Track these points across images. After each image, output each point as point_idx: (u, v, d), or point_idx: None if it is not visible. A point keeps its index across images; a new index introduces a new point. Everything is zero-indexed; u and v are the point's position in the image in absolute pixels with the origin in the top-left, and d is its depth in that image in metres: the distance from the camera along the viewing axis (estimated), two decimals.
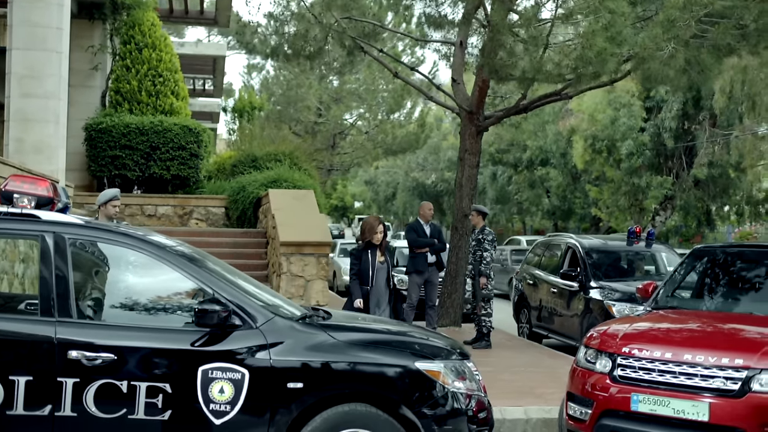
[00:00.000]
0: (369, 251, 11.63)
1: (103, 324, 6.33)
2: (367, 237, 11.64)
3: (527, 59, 12.80)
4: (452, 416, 6.53)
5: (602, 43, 11.69)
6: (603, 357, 7.76)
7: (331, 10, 14.56)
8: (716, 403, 7.02)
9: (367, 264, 11.59)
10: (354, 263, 11.75)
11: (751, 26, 12.64)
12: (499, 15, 12.77)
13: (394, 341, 6.67)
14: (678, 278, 9.67)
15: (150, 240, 6.59)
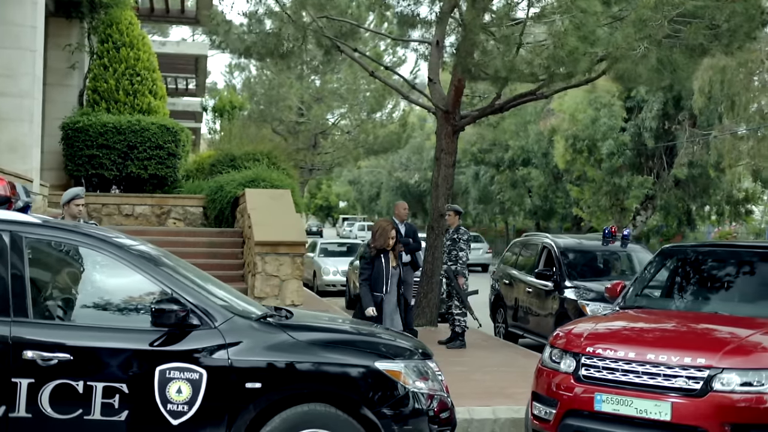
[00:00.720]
0: (382, 256, 11.04)
1: (60, 324, 6.28)
2: (379, 242, 11.07)
3: (500, 58, 12.78)
4: (413, 416, 6.51)
5: (574, 43, 11.70)
6: (567, 357, 7.75)
7: (305, 8, 14.50)
8: (678, 403, 7.02)
9: (380, 270, 10.97)
10: (365, 268, 11.10)
11: (723, 26, 12.66)
12: (471, 14, 12.74)
13: (354, 341, 6.65)
14: (646, 278, 9.67)
15: (108, 239, 6.52)
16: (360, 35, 18.71)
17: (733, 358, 7.06)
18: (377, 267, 10.93)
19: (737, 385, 6.95)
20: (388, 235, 10.96)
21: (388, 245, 11.02)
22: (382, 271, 10.93)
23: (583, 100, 31.83)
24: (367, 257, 11.06)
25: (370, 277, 11.06)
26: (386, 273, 10.94)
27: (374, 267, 10.99)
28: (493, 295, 17.99)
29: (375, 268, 10.96)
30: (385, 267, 10.94)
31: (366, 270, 11.02)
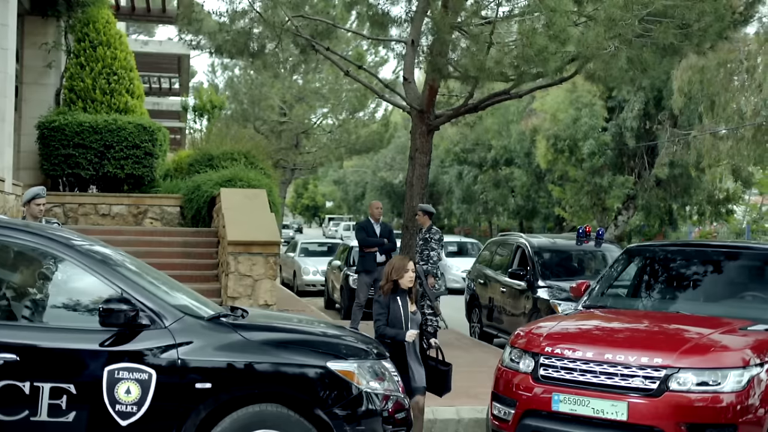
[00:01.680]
0: (398, 298, 8.86)
1: (6, 324, 6.21)
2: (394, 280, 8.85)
3: (469, 58, 12.74)
4: (366, 417, 6.48)
5: (543, 42, 11.66)
6: (527, 357, 7.73)
7: (277, 7, 14.44)
8: (635, 403, 7.00)
9: (398, 314, 8.75)
10: (380, 314, 8.82)
11: (694, 26, 12.64)
12: (439, 13, 12.70)
13: (306, 341, 6.60)
14: (611, 277, 9.67)
15: (57, 238, 6.46)
16: (337, 35, 18.62)
17: (689, 358, 7.05)
18: (393, 312, 8.78)
19: (693, 385, 6.94)
20: (403, 271, 8.88)
21: (404, 283, 8.85)
22: (400, 317, 8.77)
23: (564, 100, 31.84)
24: (381, 301, 8.89)
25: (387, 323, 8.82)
26: (404, 319, 8.80)
27: (389, 312, 8.82)
28: (469, 294, 17.97)
29: (391, 314, 8.80)
30: (403, 312, 8.81)
31: (382, 316, 8.78)
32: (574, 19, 13.51)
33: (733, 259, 9.25)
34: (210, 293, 16.18)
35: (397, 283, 8.76)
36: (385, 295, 8.79)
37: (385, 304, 8.80)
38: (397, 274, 8.78)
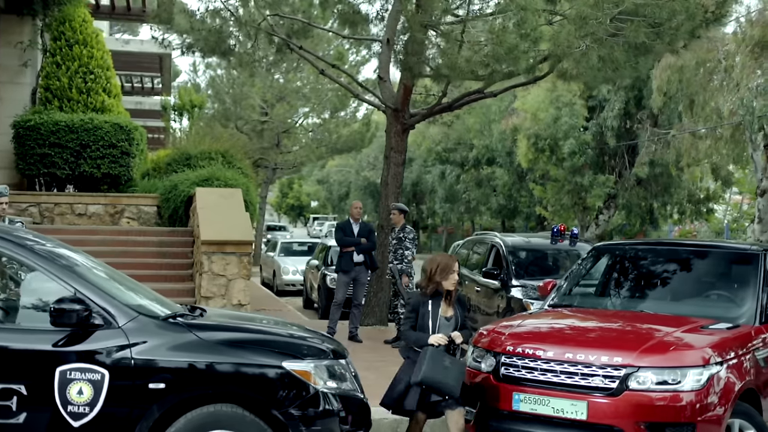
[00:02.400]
0: (431, 301, 7.81)
1: None
2: (437, 282, 7.81)
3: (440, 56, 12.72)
4: (322, 417, 6.44)
5: (513, 40, 11.65)
6: (489, 356, 7.71)
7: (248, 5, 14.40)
8: (594, 402, 6.99)
9: (426, 319, 7.76)
10: (409, 317, 7.90)
11: (665, 24, 12.65)
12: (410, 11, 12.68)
13: (262, 341, 6.55)
14: (577, 276, 9.66)
15: (11, 238, 6.40)
16: (314, 34, 18.60)
17: (649, 357, 7.04)
18: (423, 317, 7.76)
19: (653, 384, 6.92)
20: (449, 273, 7.79)
21: (448, 285, 7.81)
22: (428, 322, 7.74)
23: (545, 99, 31.84)
24: (413, 303, 7.93)
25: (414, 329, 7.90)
26: (434, 324, 7.75)
27: (418, 317, 7.81)
28: None
29: (420, 319, 7.79)
30: (433, 316, 7.76)
31: (409, 319, 7.87)
32: (546, 17, 13.50)
33: (699, 258, 9.25)
34: (184, 293, 16.15)
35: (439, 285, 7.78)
36: (426, 296, 7.81)
37: (416, 306, 7.87)
38: (443, 275, 7.76)
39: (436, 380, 7.40)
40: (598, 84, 15.08)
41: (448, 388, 7.39)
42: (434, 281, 7.77)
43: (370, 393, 10.25)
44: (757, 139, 24.92)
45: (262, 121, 38.11)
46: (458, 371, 7.48)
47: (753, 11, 24.83)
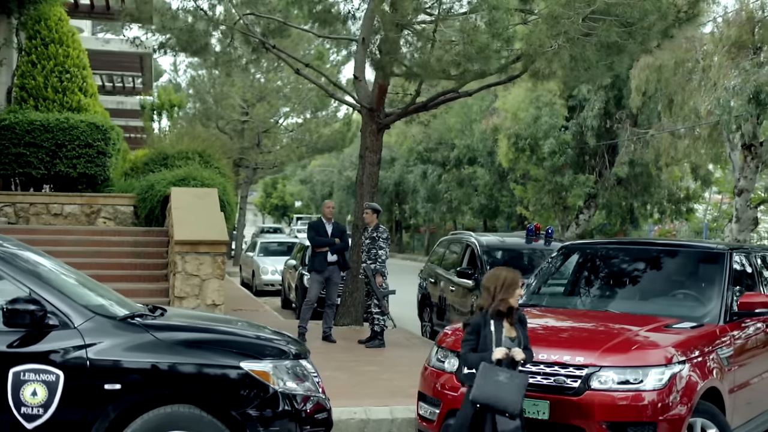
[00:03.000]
0: (493, 321, 6.97)
1: None
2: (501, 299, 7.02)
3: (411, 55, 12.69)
4: (280, 417, 6.41)
5: (484, 39, 11.61)
6: (452, 356, 7.68)
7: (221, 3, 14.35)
8: (556, 402, 6.97)
9: (488, 342, 6.90)
10: (469, 339, 6.99)
11: (638, 24, 12.64)
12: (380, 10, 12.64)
13: (221, 341, 6.50)
14: (545, 276, 9.64)
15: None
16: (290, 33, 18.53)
17: (611, 356, 7.02)
18: (485, 339, 6.93)
19: (614, 383, 6.91)
20: (514, 291, 7.13)
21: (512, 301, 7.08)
22: (490, 346, 6.90)
23: (525, 99, 31.84)
24: (473, 324, 7.06)
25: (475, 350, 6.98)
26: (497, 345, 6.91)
27: (479, 339, 6.97)
28: (421, 293, 17.93)
29: (481, 341, 6.95)
30: (496, 338, 6.94)
31: (470, 342, 6.98)
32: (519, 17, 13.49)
33: (667, 258, 9.27)
34: (158, 293, 16.07)
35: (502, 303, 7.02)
36: (487, 316, 7.02)
37: (476, 326, 7.01)
38: (508, 292, 7.04)
39: (491, 396, 6.67)
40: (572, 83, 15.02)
41: (504, 404, 6.63)
42: (498, 299, 6.99)
43: (341, 393, 10.26)
44: (735, 139, 25.00)
45: (242, 121, 38.02)
46: (517, 386, 6.68)
47: (730, 11, 24.88)
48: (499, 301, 6.97)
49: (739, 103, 21.08)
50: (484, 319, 7.00)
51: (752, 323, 8.57)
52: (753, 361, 8.41)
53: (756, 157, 24.35)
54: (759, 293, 8.62)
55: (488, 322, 6.96)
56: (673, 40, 23.18)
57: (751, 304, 8.20)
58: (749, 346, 8.38)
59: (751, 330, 8.51)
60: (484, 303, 7.06)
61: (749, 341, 8.39)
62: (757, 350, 8.59)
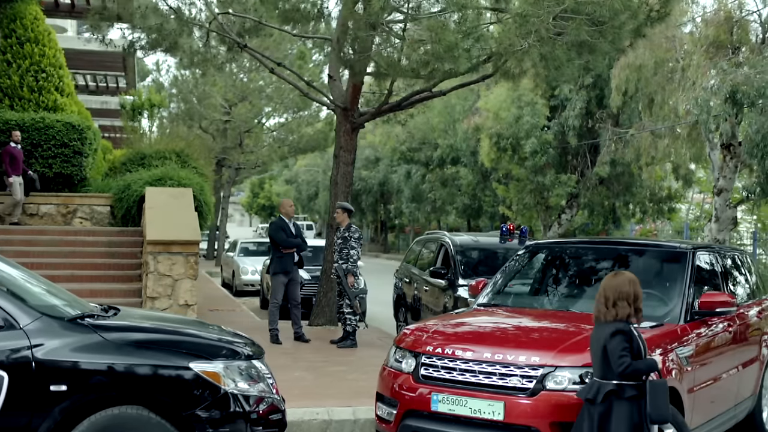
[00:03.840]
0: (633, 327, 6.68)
1: None
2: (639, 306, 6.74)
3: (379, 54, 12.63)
4: (231, 419, 6.36)
5: (452, 38, 11.56)
6: (409, 356, 7.63)
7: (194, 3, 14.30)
8: (511, 402, 6.92)
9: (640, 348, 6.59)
10: (627, 346, 6.45)
11: (608, 23, 12.61)
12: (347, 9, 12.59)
13: (171, 341, 6.44)
14: (509, 275, 9.60)
15: None
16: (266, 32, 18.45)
17: (566, 356, 6.98)
18: (637, 345, 6.59)
19: (570, 384, 6.86)
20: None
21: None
22: (644, 355, 6.66)
23: (506, 99, 31.79)
24: (627, 331, 6.55)
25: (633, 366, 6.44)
26: (645, 352, 6.68)
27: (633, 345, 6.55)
28: (396, 293, 17.88)
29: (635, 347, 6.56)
30: (642, 343, 6.68)
31: (628, 349, 6.46)
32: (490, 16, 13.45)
33: (632, 257, 9.23)
34: (130, 293, 16.01)
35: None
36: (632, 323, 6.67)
37: (630, 333, 6.58)
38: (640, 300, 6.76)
39: (666, 412, 6.45)
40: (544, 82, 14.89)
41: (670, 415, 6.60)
42: (638, 305, 6.73)
43: (306, 393, 10.24)
44: (714, 139, 25.01)
45: (225, 121, 37.93)
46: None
47: (709, 11, 24.91)
48: (637, 309, 6.73)
49: (717, 102, 21.08)
50: (632, 326, 6.67)
51: (716, 322, 8.54)
52: (715, 361, 8.38)
53: (735, 157, 24.36)
54: (720, 292, 8.58)
55: (635, 329, 6.70)
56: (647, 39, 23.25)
57: (712, 303, 8.17)
58: (711, 346, 8.35)
59: (714, 329, 8.47)
60: (622, 312, 6.63)
61: (711, 340, 8.35)
62: (720, 349, 8.56)
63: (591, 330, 7.46)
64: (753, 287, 10.67)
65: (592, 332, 6.72)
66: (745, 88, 20.08)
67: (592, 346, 6.66)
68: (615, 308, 6.59)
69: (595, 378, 6.55)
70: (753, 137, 21.10)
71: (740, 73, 21.01)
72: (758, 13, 23.83)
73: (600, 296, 6.71)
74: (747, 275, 10.55)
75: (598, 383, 6.47)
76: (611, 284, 6.71)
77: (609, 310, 6.59)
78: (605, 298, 6.65)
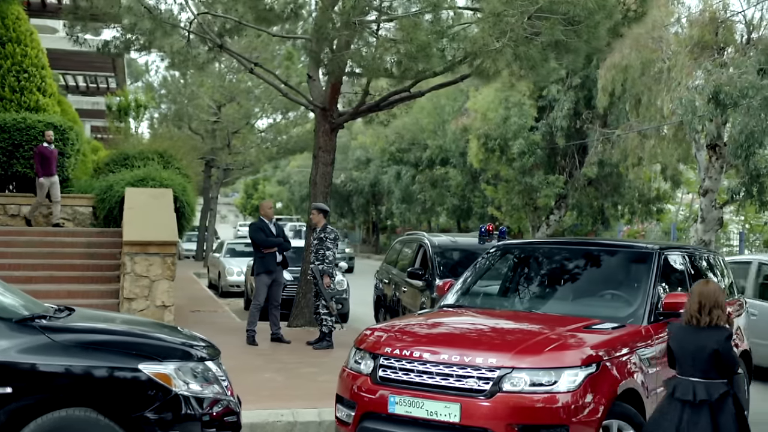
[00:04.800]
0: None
1: None
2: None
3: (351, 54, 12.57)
4: (182, 421, 6.29)
5: (424, 38, 11.49)
6: (368, 358, 7.57)
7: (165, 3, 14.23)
8: (467, 404, 6.85)
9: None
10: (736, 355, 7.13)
11: (583, 22, 12.55)
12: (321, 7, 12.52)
13: (120, 342, 6.37)
14: (475, 276, 9.54)
15: None
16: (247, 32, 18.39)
17: (523, 358, 6.92)
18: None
19: (527, 385, 6.80)
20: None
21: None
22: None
23: (494, 99, 31.73)
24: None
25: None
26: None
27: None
28: (376, 294, 17.83)
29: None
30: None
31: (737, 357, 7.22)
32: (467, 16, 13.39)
33: (599, 258, 9.17)
34: (109, 294, 15.94)
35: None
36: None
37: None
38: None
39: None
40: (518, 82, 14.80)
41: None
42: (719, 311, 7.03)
43: (274, 395, 10.19)
44: (701, 139, 24.98)
45: (213, 122, 37.85)
46: None
47: (695, 11, 24.89)
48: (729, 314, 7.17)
49: (702, 103, 21.03)
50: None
51: None
52: None
53: (720, 157, 24.33)
54: (684, 293, 8.49)
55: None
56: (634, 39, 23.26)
57: (676, 305, 8.09)
58: None
59: None
60: (720, 319, 6.95)
61: None
62: None
63: (551, 332, 7.44)
64: (725, 288, 10.62)
65: (682, 336, 6.98)
66: (728, 89, 20.04)
67: (685, 348, 6.91)
68: (710, 315, 6.90)
69: (690, 379, 6.86)
70: (737, 138, 21.08)
71: (723, 73, 20.98)
72: (743, 13, 23.79)
73: (694, 303, 6.97)
74: (719, 276, 10.50)
75: (704, 383, 6.80)
76: (706, 292, 7.02)
77: (704, 317, 6.90)
78: (701, 305, 6.95)
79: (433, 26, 11.85)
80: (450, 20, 11.97)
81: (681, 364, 6.94)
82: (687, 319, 6.96)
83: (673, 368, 7.07)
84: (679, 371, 6.95)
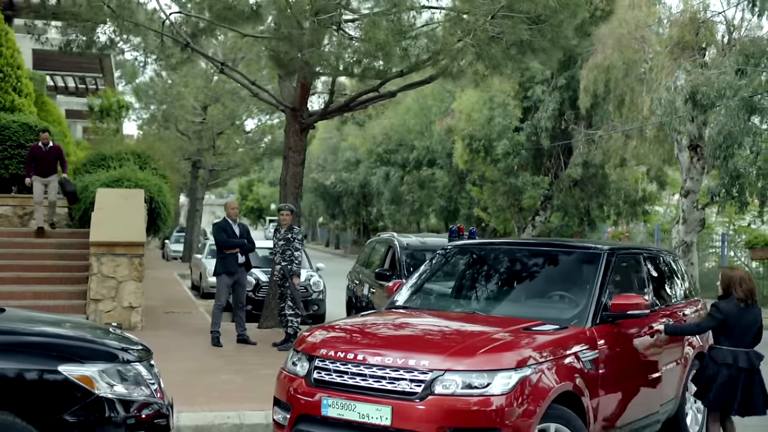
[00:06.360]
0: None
1: None
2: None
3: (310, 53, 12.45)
4: (103, 424, 6.17)
5: (382, 36, 11.38)
6: (304, 360, 7.46)
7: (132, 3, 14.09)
8: (399, 407, 6.74)
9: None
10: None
11: (547, 22, 12.44)
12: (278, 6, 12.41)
13: (40, 344, 6.25)
14: (425, 276, 9.44)
15: None
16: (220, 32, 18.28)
17: (456, 360, 6.80)
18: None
19: (459, 388, 6.69)
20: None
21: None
22: None
23: (479, 100, 31.63)
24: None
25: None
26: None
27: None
28: (348, 295, 17.75)
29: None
30: None
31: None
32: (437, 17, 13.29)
33: (547, 259, 9.07)
34: (77, 295, 15.86)
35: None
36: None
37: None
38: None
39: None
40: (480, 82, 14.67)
41: None
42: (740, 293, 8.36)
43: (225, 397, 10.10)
44: (682, 140, 24.91)
45: (199, 122, 37.74)
46: None
47: (675, 11, 24.82)
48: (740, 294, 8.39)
49: (680, 103, 20.96)
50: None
51: (631, 325, 8.35)
52: (628, 365, 8.22)
53: (701, 158, 24.26)
54: (633, 295, 8.37)
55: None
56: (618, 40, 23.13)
57: (623, 306, 7.99)
58: (624, 349, 8.18)
59: (627, 332, 8.31)
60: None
61: (623, 344, 8.18)
62: (634, 353, 8.41)
63: (487, 333, 7.34)
64: (684, 289, 10.53)
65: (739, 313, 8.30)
66: (705, 89, 19.95)
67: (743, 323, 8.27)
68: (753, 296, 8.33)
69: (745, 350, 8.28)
70: (715, 138, 20.99)
71: (702, 73, 20.90)
72: (723, 14, 23.71)
73: (747, 286, 8.31)
74: (677, 278, 10.41)
75: (754, 353, 8.31)
76: (748, 277, 8.40)
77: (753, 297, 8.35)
78: (751, 286, 8.34)
79: (394, 25, 11.74)
80: (412, 19, 11.84)
81: (738, 337, 8.24)
82: (743, 298, 8.22)
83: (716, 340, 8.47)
84: (732, 343, 8.25)
